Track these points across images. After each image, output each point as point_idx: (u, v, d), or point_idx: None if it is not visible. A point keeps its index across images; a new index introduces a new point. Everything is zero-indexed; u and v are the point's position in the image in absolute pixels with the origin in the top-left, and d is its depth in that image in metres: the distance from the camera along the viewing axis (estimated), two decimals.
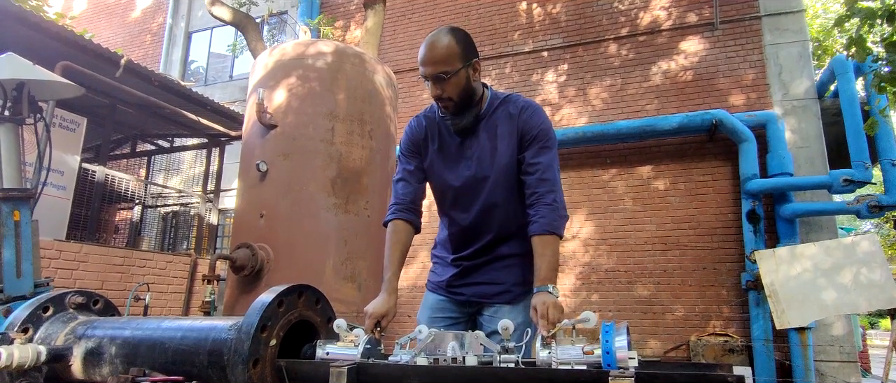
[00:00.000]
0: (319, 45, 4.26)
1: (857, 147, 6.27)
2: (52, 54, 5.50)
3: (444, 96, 1.77)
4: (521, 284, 1.86)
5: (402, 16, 9.51)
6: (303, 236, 3.79)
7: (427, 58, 1.76)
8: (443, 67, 1.73)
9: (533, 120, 1.83)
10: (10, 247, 2.34)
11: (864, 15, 4.52)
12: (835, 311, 4.88)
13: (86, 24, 11.85)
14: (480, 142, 1.86)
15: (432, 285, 2.05)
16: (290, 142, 3.93)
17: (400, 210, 1.91)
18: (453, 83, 1.76)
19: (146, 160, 9.50)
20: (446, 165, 1.92)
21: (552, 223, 1.72)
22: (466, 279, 1.94)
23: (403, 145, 2.00)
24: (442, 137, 1.93)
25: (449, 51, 1.74)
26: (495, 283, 1.88)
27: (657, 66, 7.76)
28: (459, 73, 1.75)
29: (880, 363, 9.89)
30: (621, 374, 0.91)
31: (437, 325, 1.88)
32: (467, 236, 1.94)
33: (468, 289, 1.93)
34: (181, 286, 6.96)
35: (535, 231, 1.72)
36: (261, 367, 1.16)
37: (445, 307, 1.98)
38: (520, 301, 1.86)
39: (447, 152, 1.92)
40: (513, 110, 1.85)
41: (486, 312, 1.90)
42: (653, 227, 7.24)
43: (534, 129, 1.82)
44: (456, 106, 1.80)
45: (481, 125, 1.87)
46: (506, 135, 1.84)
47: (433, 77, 1.75)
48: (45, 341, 1.45)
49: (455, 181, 1.89)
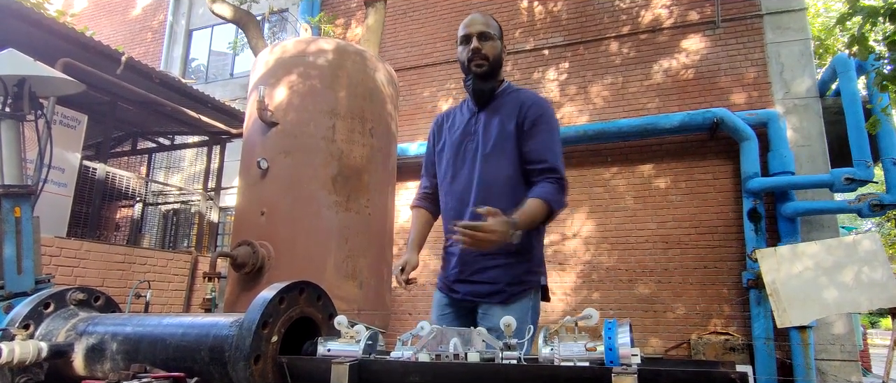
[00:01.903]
0: (320, 42, 4.25)
1: (858, 145, 6.26)
2: (53, 51, 5.50)
3: (482, 52, 1.98)
4: (516, 284, 1.87)
5: (403, 14, 9.49)
6: (304, 234, 3.79)
7: (475, 19, 2.03)
8: (487, 29, 2.00)
9: (535, 108, 1.97)
10: (11, 244, 2.34)
11: (867, 13, 4.51)
12: (836, 310, 4.87)
13: (87, 22, 11.86)
14: (486, 119, 2.02)
15: (438, 282, 2.10)
16: (291, 140, 3.93)
17: (423, 200, 2.21)
18: (491, 45, 2.00)
19: (147, 157, 9.51)
20: (451, 140, 2.10)
21: (549, 194, 1.82)
22: (462, 275, 1.95)
23: (428, 141, 2.24)
24: (454, 121, 2.13)
25: (492, 22, 2.06)
26: (489, 283, 1.89)
27: (658, 65, 7.75)
28: (496, 42, 2.02)
29: (881, 362, 9.89)
30: (624, 371, 0.90)
31: (443, 323, 1.90)
32: (456, 211, 1.99)
33: (463, 287, 1.94)
34: (182, 283, 6.97)
35: (531, 194, 1.82)
36: (262, 364, 1.16)
37: (448, 304, 2.01)
38: (513, 301, 1.86)
39: (456, 130, 2.09)
40: (522, 98, 2.02)
41: (480, 310, 1.91)
42: (654, 226, 7.23)
43: (534, 115, 1.95)
44: (489, 66, 2.00)
45: (492, 104, 2.04)
46: (509, 116, 1.97)
47: (479, 33, 1.99)
48: (46, 337, 1.45)
49: (456, 150, 2.06)
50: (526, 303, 1.87)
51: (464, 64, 2.02)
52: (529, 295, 1.89)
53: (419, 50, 9.21)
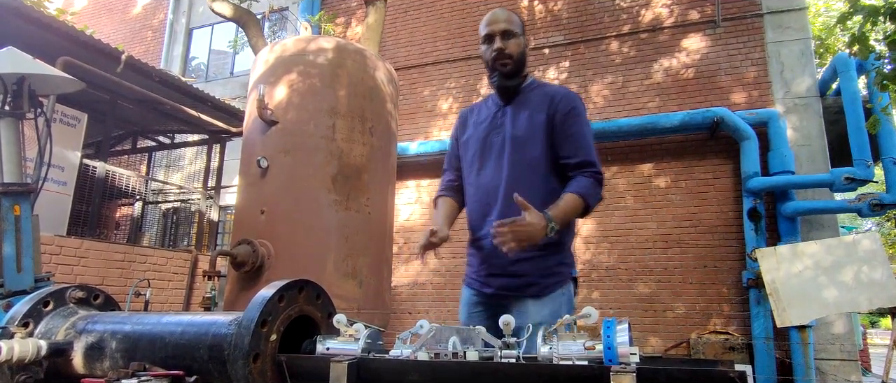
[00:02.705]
0: (320, 41, 4.25)
1: (858, 145, 6.26)
2: (53, 50, 5.50)
3: (506, 51, 1.95)
4: (548, 276, 1.82)
5: (404, 12, 9.49)
6: (303, 233, 3.79)
7: (498, 17, 1.99)
8: (510, 26, 1.97)
9: (566, 101, 1.94)
10: (10, 242, 2.34)
11: (867, 12, 4.50)
12: (836, 310, 4.87)
13: (87, 20, 11.85)
14: (513, 113, 1.99)
15: (466, 279, 2.05)
16: (291, 139, 3.93)
17: (448, 190, 2.16)
18: (515, 43, 1.97)
19: (147, 156, 9.50)
20: (476, 134, 2.06)
21: (585, 189, 1.79)
22: (492, 269, 1.90)
23: (452, 135, 2.22)
24: (479, 115, 2.10)
25: (515, 18, 2.02)
26: (519, 276, 1.84)
27: (659, 64, 7.74)
28: (520, 39, 2.00)
29: (880, 361, 9.89)
30: (623, 370, 0.91)
31: (474, 322, 1.86)
32: (483, 204, 1.95)
33: (494, 280, 1.90)
34: (182, 282, 6.97)
35: (567, 189, 1.80)
36: (261, 362, 1.16)
37: (478, 302, 1.96)
38: (546, 294, 1.81)
39: (482, 124, 2.06)
40: (551, 92, 2.00)
41: (513, 306, 1.85)
42: (654, 225, 7.23)
43: (565, 108, 1.92)
44: (514, 64, 1.97)
45: (517, 99, 2.02)
46: (538, 109, 1.95)
47: (502, 32, 1.95)
48: (45, 336, 1.45)
49: (482, 144, 2.02)
50: (559, 296, 1.82)
51: (488, 63, 1.99)
52: (563, 288, 1.84)
53: (419, 49, 9.21)
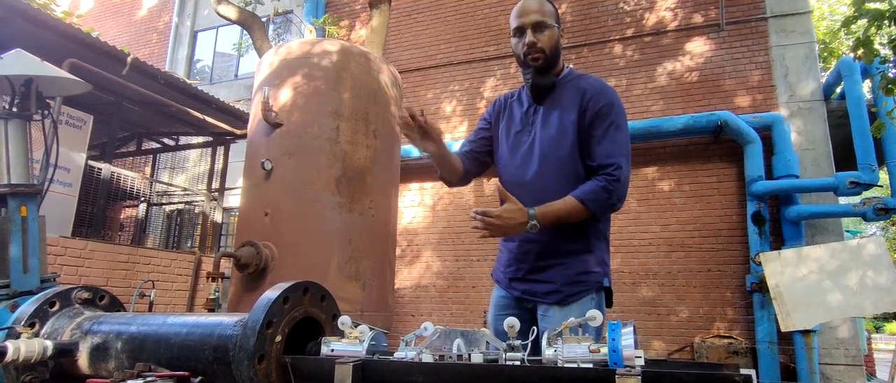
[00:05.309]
0: (325, 44, 4.27)
1: (863, 149, 6.23)
2: (60, 52, 5.53)
3: (538, 45, 1.84)
4: (572, 284, 1.78)
5: (408, 15, 9.51)
6: (307, 235, 3.79)
7: (529, 7, 1.85)
8: (543, 17, 1.83)
9: (598, 97, 1.81)
10: (16, 243, 2.35)
11: (872, 16, 4.49)
12: (840, 314, 4.86)
13: (93, 23, 11.90)
14: (544, 113, 1.90)
15: (494, 273, 2.03)
16: (295, 141, 3.94)
17: (458, 152, 2.06)
18: (548, 35, 1.84)
19: (151, 158, 9.53)
20: (509, 133, 1.98)
21: (587, 193, 1.71)
22: (520, 273, 1.88)
23: (486, 113, 2.11)
24: (511, 111, 2.00)
25: (548, 7, 1.87)
26: (545, 282, 1.81)
27: (662, 67, 7.74)
28: (553, 30, 1.86)
29: (885, 366, 9.84)
30: (628, 373, 0.90)
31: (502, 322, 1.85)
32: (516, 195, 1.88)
33: (520, 285, 1.88)
34: (186, 283, 6.98)
35: (572, 191, 1.72)
36: (266, 363, 1.16)
37: (507, 304, 1.94)
38: (570, 302, 1.78)
39: (513, 122, 1.98)
40: (584, 85, 1.86)
41: (538, 311, 1.84)
42: (657, 228, 7.22)
43: (595, 107, 1.80)
44: (546, 59, 1.86)
45: (551, 96, 1.91)
46: (569, 107, 1.84)
47: (533, 24, 1.83)
48: (51, 336, 1.46)
49: (512, 142, 1.95)
50: (584, 305, 1.75)
51: (519, 57, 1.89)
52: (589, 296, 1.79)
53: (423, 52, 9.22)
